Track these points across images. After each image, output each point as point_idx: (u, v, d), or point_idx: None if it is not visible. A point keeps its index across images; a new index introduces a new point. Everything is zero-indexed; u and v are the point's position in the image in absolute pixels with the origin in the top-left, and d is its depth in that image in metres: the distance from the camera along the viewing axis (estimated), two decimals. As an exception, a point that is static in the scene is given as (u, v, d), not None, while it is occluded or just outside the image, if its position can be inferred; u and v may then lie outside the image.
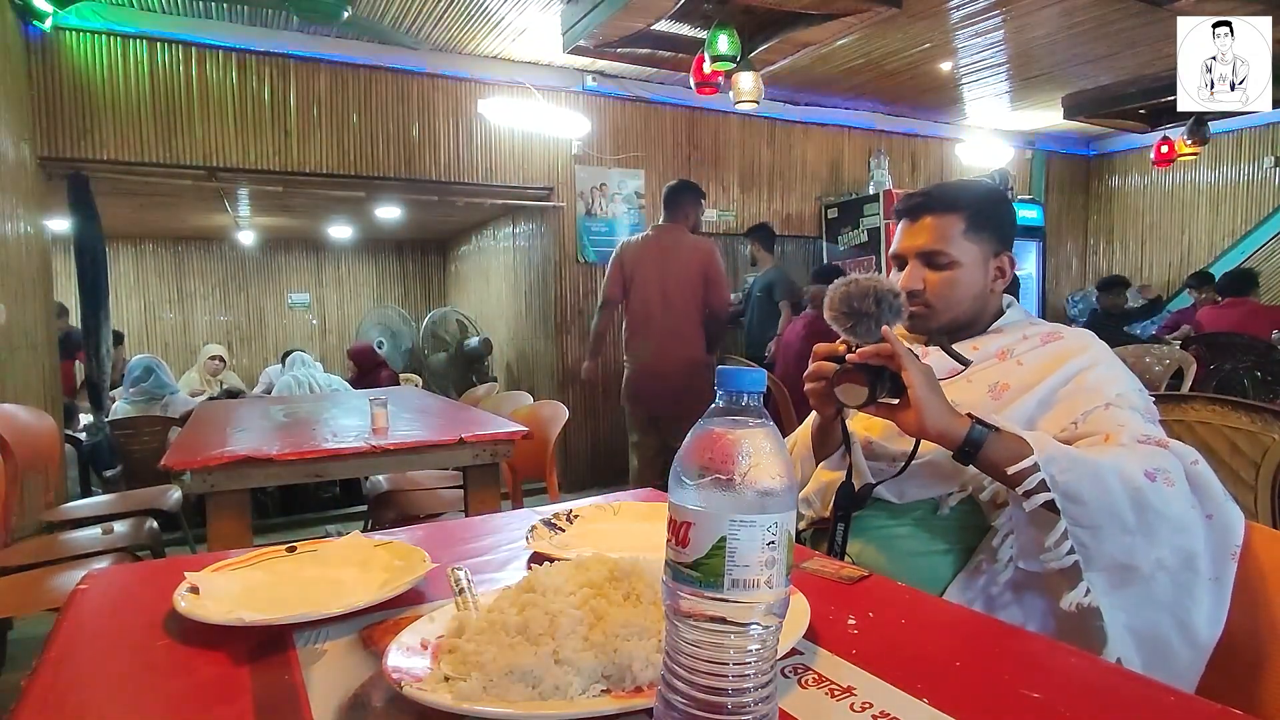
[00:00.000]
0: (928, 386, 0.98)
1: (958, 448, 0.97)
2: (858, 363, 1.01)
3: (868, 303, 1.00)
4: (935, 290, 1.19)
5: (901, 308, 1.01)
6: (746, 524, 0.45)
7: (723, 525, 0.45)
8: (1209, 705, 0.59)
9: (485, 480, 2.17)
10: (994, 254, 1.21)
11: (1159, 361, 3.18)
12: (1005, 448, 0.95)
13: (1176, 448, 0.97)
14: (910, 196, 1.24)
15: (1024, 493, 0.93)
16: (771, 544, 0.45)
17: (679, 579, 0.47)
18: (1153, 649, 0.95)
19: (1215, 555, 0.94)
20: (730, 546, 0.45)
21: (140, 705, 0.65)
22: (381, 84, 4.56)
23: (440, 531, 1.16)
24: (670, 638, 0.48)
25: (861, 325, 1.01)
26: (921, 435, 1.00)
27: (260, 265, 8.56)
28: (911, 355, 0.99)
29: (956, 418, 0.98)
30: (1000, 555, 1.04)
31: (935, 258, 1.19)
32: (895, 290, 1.01)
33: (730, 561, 0.45)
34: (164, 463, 1.81)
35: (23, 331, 3.53)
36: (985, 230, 1.20)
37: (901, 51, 4.88)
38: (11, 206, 3.48)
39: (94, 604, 0.87)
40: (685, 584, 0.46)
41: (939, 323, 1.20)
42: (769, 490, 0.46)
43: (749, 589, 0.45)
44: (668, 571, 0.48)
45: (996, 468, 0.96)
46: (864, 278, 1.03)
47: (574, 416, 3.58)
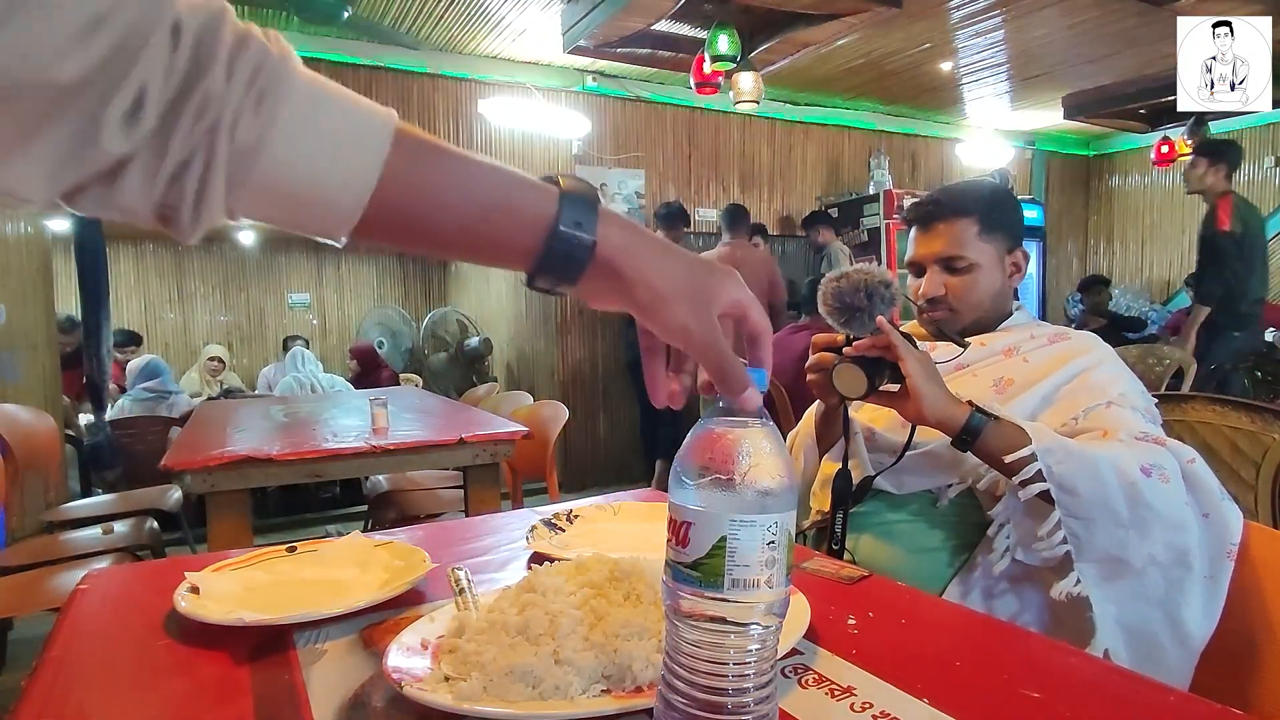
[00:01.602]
0: (926, 375, 0.99)
1: (957, 435, 0.99)
2: (856, 355, 1.01)
3: (859, 297, 1.01)
4: (958, 294, 1.20)
5: (894, 297, 1.02)
6: (747, 524, 0.45)
7: (723, 525, 0.45)
8: (1209, 705, 0.59)
9: (485, 480, 2.17)
10: (1008, 251, 1.23)
11: (1159, 361, 3.18)
12: (1004, 436, 0.96)
13: (1174, 446, 0.98)
14: (919, 204, 1.25)
15: (1020, 482, 0.94)
16: (771, 544, 0.45)
17: (679, 579, 0.47)
18: (1142, 643, 0.96)
19: (1211, 554, 0.94)
20: (730, 546, 0.45)
21: (140, 705, 0.65)
22: (381, 84, 4.56)
23: (440, 531, 1.16)
24: (670, 638, 0.48)
25: (856, 319, 1.02)
26: (921, 422, 1.02)
27: (260, 265, 8.56)
28: (908, 344, 1.00)
29: (956, 405, 0.99)
30: (997, 545, 1.05)
31: (954, 262, 1.20)
32: (886, 280, 1.02)
33: (730, 561, 0.45)
34: (164, 463, 1.81)
35: (23, 331, 3.53)
36: (998, 229, 1.22)
37: (901, 51, 4.89)
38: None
39: (94, 604, 0.87)
40: (685, 584, 0.46)
41: (964, 324, 1.22)
42: (769, 490, 0.46)
43: (749, 589, 0.45)
44: (668, 571, 0.48)
45: (994, 456, 0.98)
46: (855, 271, 1.04)
47: (574, 416, 3.59)
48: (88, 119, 0.37)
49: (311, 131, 0.44)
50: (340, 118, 0.45)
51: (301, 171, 0.44)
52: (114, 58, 0.37)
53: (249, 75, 0.41)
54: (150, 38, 0.38)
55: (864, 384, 1.00)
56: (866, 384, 1.00)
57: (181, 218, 0.42)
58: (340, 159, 0.45)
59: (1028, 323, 1.24)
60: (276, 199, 0.44)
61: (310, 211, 0.45)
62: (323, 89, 0.45)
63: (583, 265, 0.50)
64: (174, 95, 0.39)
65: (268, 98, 0.41)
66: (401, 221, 0.48)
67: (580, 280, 0.51)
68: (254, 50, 0.41)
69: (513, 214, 0.50)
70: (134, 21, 0.37)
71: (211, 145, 0.40)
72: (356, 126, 0.45)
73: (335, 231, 0.47)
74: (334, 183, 0.45)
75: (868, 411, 1.21)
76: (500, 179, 0.51)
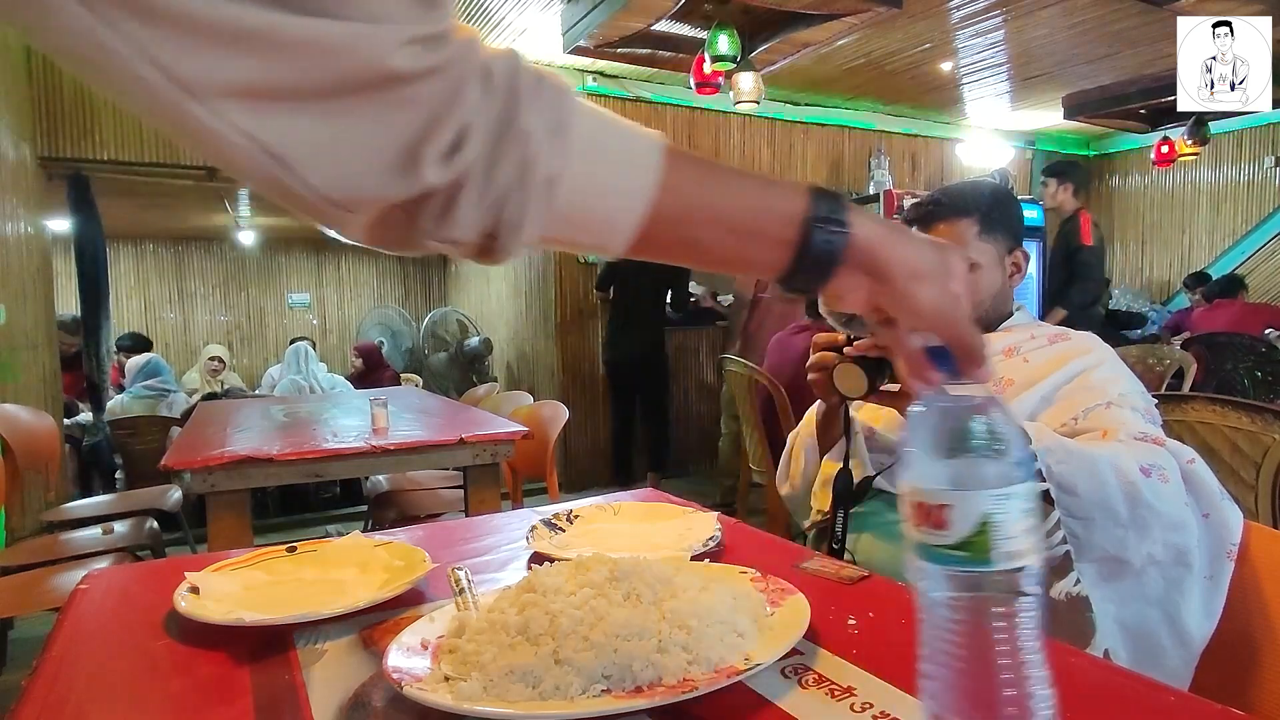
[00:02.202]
0: None
1: None
2: (857, 355, 1.01)
3: None
4: None
5: None
6: (1009, 497, 0.46)
7: (985, 501, 0.45)
8: (1209, 705, 0.59)
9: (485, 480, 2.17)
10: (1008, 251, 1.24)
11: (1160, 362, 3.18)
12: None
13: (1173, 446, 0.98)
14: (919, 204, 1.25)
15: None
16: (1029, 510, 0.46)
17: (940, 561, 0.46)
18: (1142, 643, 0.96)
19: (1211, 554, 0.94)
20: (996, 521, 0.45)
21: (141, 705, 0.65)
22: (381, 84, 4.55)
23: (440, 531, 1.16)
24: (930, 628, 0.48)
25: (856, 320, 1.02)
26: None
27: (260, 265, 8.56)
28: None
29: None
30: None
31: None
32: None
33: (996, 535, 0.45)
34: (164, 463, 1.81)
35: (23, 331, 3.53)
36: (998, 229, 1.22)
37: (901, 51, 4.88)
38: (12, 207, 3.48)
39: (94, 604, 0.87)
40: (950, 565, 0.46)
41: None
42: (1021, 459, 0.46)
43: (1017, 558, 0.46)
44: (922, 557, 0.47)
45: None
46: None
47: (574, 416, 3.59)
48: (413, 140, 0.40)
49: (599, 159, 0.47)
50: (619, 142, 0.49)
51: (591, 197, 0.47)
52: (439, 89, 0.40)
53: (549, 112, 0.44)
54: (469, 80, 0.42)
55: (865, 384, 1.00)
56: (867, 384, 1.00)
57: (498, 246, 0.46)
58: (621, 182, 0.48)
59: (1028, 323, 1.24)
60: (568, 223, 0.48)
61: (592, 232, 0.49)
62: (599, 118, 0.48)
63: (839, 259, 0.51)
64: (493, 133, 0.43)
65: (563, 132, 0.45)
66: (671, 233, 0.51)
67: (838, 273, 0.52)
68: (549, 89, 0.45)
69: (771, 214, 0.51)
70: (457, 61, 0.41)
71: (524, 178, 0.44)
72: (632, 149, 0.49)
73: (611, 250, 0.50)
74: (616, 205, 0.48)
75: (868, 411, 1.21)
76: (753, 182, 0.53)
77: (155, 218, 6.78)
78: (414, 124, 0.40)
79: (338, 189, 0.40)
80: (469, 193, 0.43)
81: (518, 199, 0.44)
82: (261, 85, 0.36)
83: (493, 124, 0.43)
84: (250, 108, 0.37)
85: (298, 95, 0.37)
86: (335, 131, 0.39)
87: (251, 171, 0.39)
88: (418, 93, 0.39)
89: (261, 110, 0.37)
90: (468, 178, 0.42)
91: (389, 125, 0.40)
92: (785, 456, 1.35)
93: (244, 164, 0.38)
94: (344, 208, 0.41)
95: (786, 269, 0.52)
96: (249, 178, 0.39)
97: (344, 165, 0.40)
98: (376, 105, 0.39)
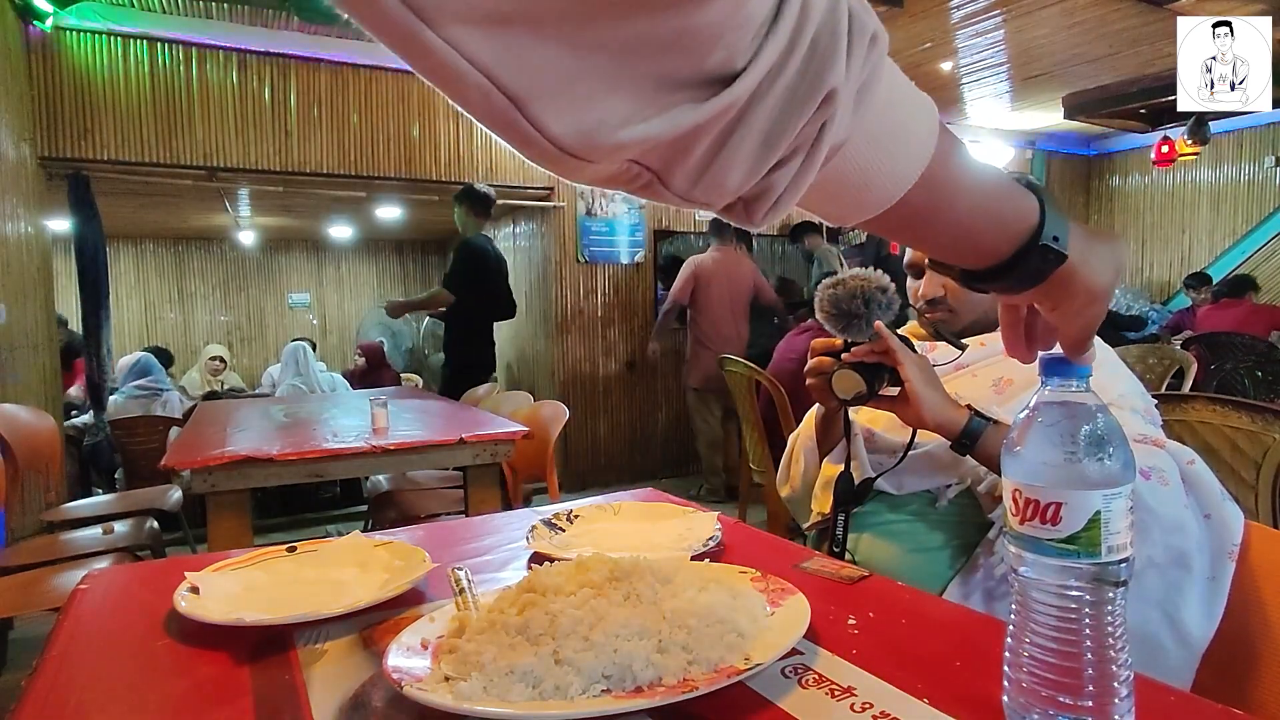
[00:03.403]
0: (924, 380, 1.00)
1: (956, 438, 0.99)
2: (854, 360, 1.01)
3: (856, 304, 1.00)
4: (956, 295, 1.20)
5: (892, 303, 1.02)
6: (1118, 495, 0.50)
7: (1096, 499, 0.49)
8: (1210, 705, 0.59)
9: (485, 480, 2.17)
10: None
11: (1160, 361, 3.18)
12: (1003, 439, 0.96)
13: (1173, 448, 0.98)
14: None
15: None
16: (1132, 507, 0.51)
17: (1051, 554, 0.50)
18: (1142, 643, 0.95)
19: (1212, 555, 0.94)
20: (1105, 517, 0.49)
21: (140, 705, 0.64)
22: (381, 84, 4.55)
23: (440, 531, 1.16)
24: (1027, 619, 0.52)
25: (853, 326, 1.01)
26: (920, 426, 1.02)
27: (260, 265, 8.56)
28: (906, 349, 1.00)
29: (955, 409, 0.99)
30: (998, 549, 1.05)
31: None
32: (884, 286, 1.01)
33: (1106, 530, 0.50)
34: (164, 463, 1.81)
35: (23, 331, 3.53)
36: None
37: (901, 51, 4.88)
38: (12, 206, 3.48)
39: (94, 604, 0.87)
40: (1060, 558, 0.50)
41: (963, 325, 1.22)
42: (1128, 460, 0.50)
43: (1122, 551, 0.50)
44: (1029, 550, 0.51)
45: (993, 459, 0.98)
46: (851, 277, 1.02)
47: (574, 416, 3.59)
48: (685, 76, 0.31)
49: (886, 128, 0.41)
50: (905, 110, 0.43)
51: (861, 165, 0.41)
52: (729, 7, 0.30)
53: (859, 75, 0.37)
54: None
55: (862, 389, 1.01)
56: (865, 389, 1.01)
57: (759, 207, 0.39)
58: (897, 154, 0.42)
59: None
60: (827, 190, 0.42)
61: (843, 201, 0.43)
62: (893, 78, 0.41)
63: (1045, 277, 0.50)
64: (790, 87, 0.34)
65: (863, 97, 0.38)
66: (915, 212, 0.45)
67: (1032, 290, 0.51)
68: (878, 49, 0.37)
69: (1003, 216, 0.48)
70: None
71: (818, 140, 0.37)
72: (914, 120, 0.43)
73: (850, 221, 0.45)
74: (879, 184, 0.42)
75: (867, 413, 1.21)
76: (997, 176, 0.49)
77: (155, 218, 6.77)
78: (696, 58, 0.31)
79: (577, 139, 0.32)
80: (739, 142, 0.34)
81: (798, 160, 0.36)
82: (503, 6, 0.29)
83: (792, 77, 0.33)
84: (487, 34, 0.29)
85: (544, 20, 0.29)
86: (584, 66, 0.30)
87: (485, 115, 0.31)
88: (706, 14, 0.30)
89: (499, 38, 0.29)
90: (741, 122, 0.34)
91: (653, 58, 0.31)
92: (785, 458, 1.35)
93: (478, 107, 0.31)
94: (583, 158, 0.33)
95: (982, 272, 0.50)
96: (486, 123, 0.32)
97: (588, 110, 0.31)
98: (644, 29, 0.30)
